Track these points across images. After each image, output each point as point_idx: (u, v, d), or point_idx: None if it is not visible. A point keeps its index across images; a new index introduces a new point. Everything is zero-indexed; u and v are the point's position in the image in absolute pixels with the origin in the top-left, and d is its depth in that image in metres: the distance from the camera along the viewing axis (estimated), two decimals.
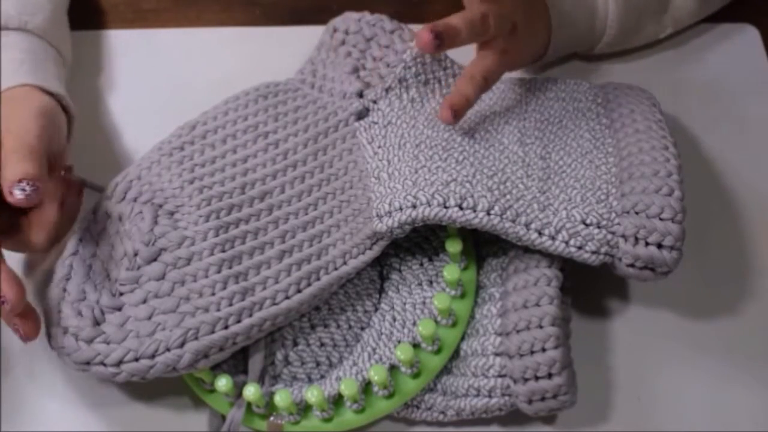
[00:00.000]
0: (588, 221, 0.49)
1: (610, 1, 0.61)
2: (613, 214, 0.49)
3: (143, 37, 0.68)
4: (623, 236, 0.49)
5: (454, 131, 0.54)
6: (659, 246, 0.48)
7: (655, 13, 0.63)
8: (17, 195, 0.45)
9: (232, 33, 0.68)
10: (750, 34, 0.67)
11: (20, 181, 0.45)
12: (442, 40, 0.51)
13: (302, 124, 0.55)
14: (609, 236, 0.49)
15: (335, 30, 0.60)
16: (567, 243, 0.49)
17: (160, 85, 0.65)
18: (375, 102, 0.56)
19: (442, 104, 0.54)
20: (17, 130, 0.48)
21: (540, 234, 0.49)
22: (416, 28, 0.59)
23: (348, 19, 0.60)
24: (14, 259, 0.53)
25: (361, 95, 0.57)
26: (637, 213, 0.48)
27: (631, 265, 0.49)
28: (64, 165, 0.53)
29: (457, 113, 0.53)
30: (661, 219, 0.48)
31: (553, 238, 0.49)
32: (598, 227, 0.49)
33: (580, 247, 0.49)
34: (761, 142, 0.62)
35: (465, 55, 0.56)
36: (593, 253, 0.49)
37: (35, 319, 0.47)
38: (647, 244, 0.48)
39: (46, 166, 0.48)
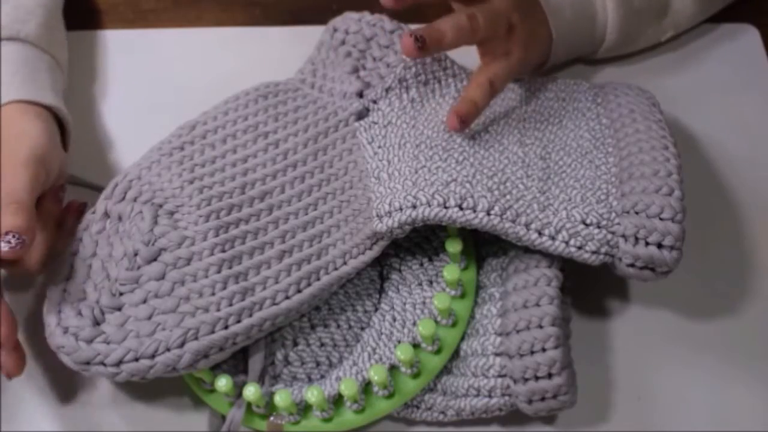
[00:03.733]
0: (588, 221, 0.49)
1: (609, 8, 0.61)
2: (613, 214, 0.49)
3: (143, 37, 0.68)
4: (623, 236, 0.49)
5: (454, 132, 0.54)
6: (659, 246, 0.48)
7: (655, 18, 0.63)
8: (3, 247, 0.45)
9: (232, 33, 0.68)
10: (750, 34, 0.67)
11: (7, 233, 0.46)
12: (425, 45, 0.51)
13: (302, 124, 0.55)
14: (609, 236, 0.49)
15: (335, 30, 0.60)
16: (567, 243, 0.49)
17: (160, 85, 0.65)
18: (375, 102, 0.56)
19: (449, 111, 0.53)
20: (7, 178, 0.48)
21: (540, 234, 0.49)
22: (416, 28, 0.59)
23: (348, 19, 0.60)
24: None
25: (361, 95, 0.57)
26: (637, 213, 0.48)
27: (631, 265, 0.49)
28: (60, 184, 0.53)
29: (464, 120, 0.53)
30: (661, 219, 0.48)
31: (553, 238, 0.49)
32: (598, 227, 0.49)
33: (580, 247, 0.49)
34: (761, 142, 0.62)
35: (465, 55, 0.56)
36: (593, 253, 0.49)
37: (22, 357, 0.47)
38: (647, 243, 0.48)
39: (34, 218, 0.48)
